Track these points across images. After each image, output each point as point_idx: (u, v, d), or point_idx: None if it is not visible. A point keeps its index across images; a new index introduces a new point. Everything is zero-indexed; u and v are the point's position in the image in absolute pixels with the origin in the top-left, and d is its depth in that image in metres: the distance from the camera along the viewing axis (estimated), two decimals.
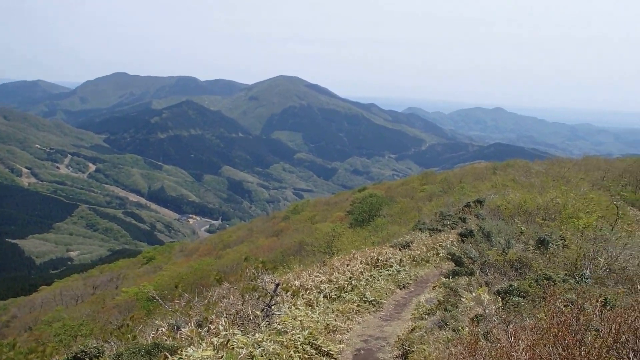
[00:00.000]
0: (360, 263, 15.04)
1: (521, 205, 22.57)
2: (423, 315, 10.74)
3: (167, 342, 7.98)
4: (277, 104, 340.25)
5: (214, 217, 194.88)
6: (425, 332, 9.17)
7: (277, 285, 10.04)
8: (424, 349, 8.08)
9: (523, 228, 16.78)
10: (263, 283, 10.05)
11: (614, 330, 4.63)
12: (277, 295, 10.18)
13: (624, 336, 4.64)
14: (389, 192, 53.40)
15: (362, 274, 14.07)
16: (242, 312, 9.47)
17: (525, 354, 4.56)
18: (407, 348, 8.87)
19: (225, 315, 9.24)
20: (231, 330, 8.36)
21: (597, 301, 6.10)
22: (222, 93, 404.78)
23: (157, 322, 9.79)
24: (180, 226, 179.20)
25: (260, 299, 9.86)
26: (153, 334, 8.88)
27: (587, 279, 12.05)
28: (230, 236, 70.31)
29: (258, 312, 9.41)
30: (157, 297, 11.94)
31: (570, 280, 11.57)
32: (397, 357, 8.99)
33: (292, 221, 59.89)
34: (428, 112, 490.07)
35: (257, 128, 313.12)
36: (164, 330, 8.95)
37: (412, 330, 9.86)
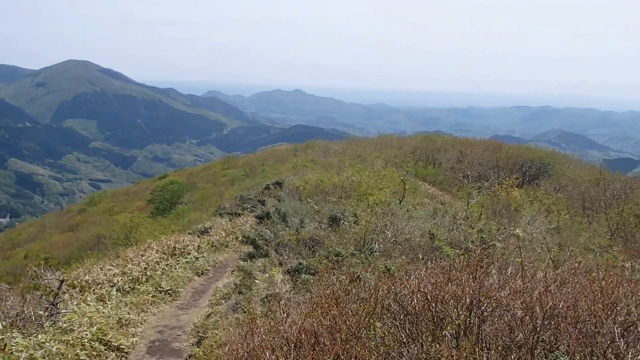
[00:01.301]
0: (157, 252, 14.65)
1: (318, 184, 23.44)
2: (220, 300, 10.77)
3: None
4: (67, 90, 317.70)
5: (1, 215, 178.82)
6: (220, 317, 9.22)
7: (62, 282, 9.46)
8: (217, 334, 8.10)
9: (316, 207, 17.47)
10: (46, 281, 9.41)
11: (377, 298, 4.98)
12: (63, 292, 9.60)
13: (387, 301, 5.02)
14: (191, 179, 52.75)
15: (158, 264, 13.73)
16: (23, 314, 8.80)
17: (293, 328, 4.75)
18: (202, 335, 8.84)
19: (3, 318, 8.52)
20: (9, 334, 7.75)
21: (368, 272, 6.53)
22: (5, 79, 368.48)
23: None
24: None
25: (44, 297, 9.22)
26: None
27: (375, 252, 12.85)
28: (19, 234, 64.91)
29: (41, 312, 8.80)
30: None
31: (360, 255, 12.26)
32: (192, 344, 8.92)
33: (89, 214, 56.78)
34: (228, 95, 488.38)
35: (46, 116, 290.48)
36: None
37: (208, 316, 9.85)
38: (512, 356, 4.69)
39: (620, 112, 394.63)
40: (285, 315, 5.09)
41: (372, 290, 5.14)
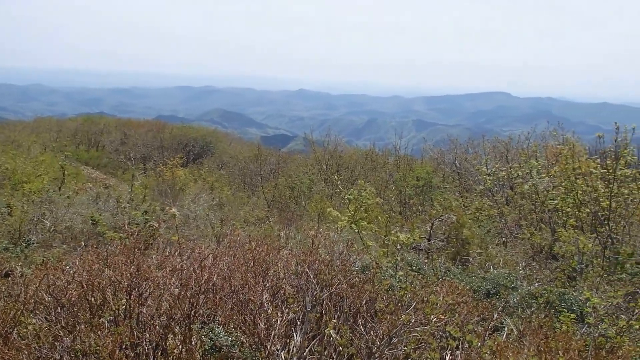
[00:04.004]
0: None
1: None
2: None
3: None
4: None
5: None
6: None
7: None
8: None
9: None
10: None
11: (28, 293, 4.73)
12: None
13: (40, 295, 4.79)
14: None
15: None
16: None
17: None
18: None
19: None
20: None
21: (23, 266, 6.13)
22: None
23: None
24: None
25: None
26: None
27: (32, 244, 12.04)
28: None
29: None
30: None
31: (15, 248, 11.37)
32: None
33: None
34: None
35: None
36: None
37: None
38: (171, 333, 4.87)
39: (275, 91, 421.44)
40: None
41: (23, 286, 4.83)
